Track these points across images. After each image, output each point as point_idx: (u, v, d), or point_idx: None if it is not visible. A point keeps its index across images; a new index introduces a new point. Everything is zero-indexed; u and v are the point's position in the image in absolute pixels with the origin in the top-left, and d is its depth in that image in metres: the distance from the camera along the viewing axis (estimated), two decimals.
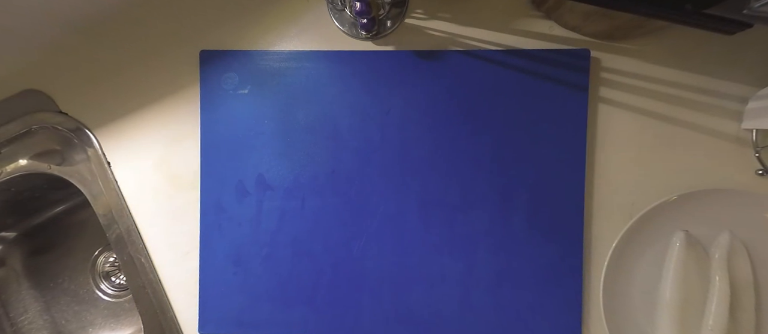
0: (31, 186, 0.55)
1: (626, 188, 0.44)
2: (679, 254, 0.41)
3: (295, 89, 0.45)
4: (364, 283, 0.45)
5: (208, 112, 0.46)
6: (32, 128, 0.48)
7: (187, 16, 0.47)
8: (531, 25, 0.44)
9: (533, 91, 0.43)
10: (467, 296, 0.44)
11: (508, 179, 0.44)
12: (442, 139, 0.44)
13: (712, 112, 0.43)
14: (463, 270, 0.44)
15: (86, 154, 0.48)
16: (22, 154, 0.50)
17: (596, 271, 0.44)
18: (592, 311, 0.44)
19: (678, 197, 0.41)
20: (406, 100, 0.44)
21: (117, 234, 0.47)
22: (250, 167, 0.45)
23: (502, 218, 0.44)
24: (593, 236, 0.44)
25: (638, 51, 0.44)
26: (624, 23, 0.40)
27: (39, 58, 0.48)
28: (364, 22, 0.42)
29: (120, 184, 0.47)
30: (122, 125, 0.47)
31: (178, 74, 0.47)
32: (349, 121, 0.45)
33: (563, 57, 0.43)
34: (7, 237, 0.62)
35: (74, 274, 0.63)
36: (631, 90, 0.44)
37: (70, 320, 0.61)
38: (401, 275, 0.44)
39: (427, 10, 0.45)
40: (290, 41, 0.47)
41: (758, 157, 0.42)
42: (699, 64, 0.43)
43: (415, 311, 0.44)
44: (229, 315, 0.46)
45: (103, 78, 0.48)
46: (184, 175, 0.47)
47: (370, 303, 0.45)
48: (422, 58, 0.44)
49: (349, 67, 0.45)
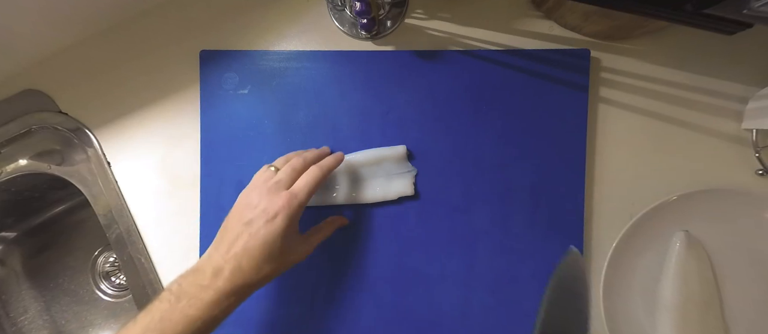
0: (31, 186, 0.55)
1: (626, 187, 0.44)
2: (679, 254, 0.41)
3: (295, 89, 0.45)
4: (364, 283, 0.45)
5: (208, 112, 0.46)
6: (32, 128, 0.48)
7: (187, 16, 0.47)
8: (531, 25, 0.44)
9: (533, 91, 0.43)
10: (467, 296, 0.44)
11: (508, 178, 0.44)
12: (442, 139, 0.44)
13: (712, 112, 0.43)
14: (463, 270, 0.44)
15: (86, 154, 0.48)
16: (22, 154, 0.50)
17: (596, 271, 0.44)
18: (592, 311, 0.44)
19: (678, 197, 0.41)
20: (406, 100, 0.44)
21: (117, 234, 0.47)
22: (250, 167, 0.45)
23: (502, 217, 0.44)
24: (593, 236, 0.44)
25: (638, 51, 0.44)
26: (624, 23, 0.40)
27: (39, 58, 0.48)
28: (364, 22, 0.42)
29: (120, 184, 0.47)
30: (122, 125, 0.47)
31: (178, 74, 0.47)
32: (349, 121, 0.45)
33: (563, 57, 0.43)
34: (7, 237, 0.62)
35: (74, 274, 0.63)
36: (631, 90, 0.44)
37: (70, 320, 0.61)
38: (401, 275, 0.45)
39: (427, 10, 0.45)
40: (290, 41, 0.47)
41: (758, 157, 0.42)
42: (699, 64, 0.43)
43: (415, 311, 0.44)
44: (229, 315, 0.46)
45: (104, 78, 0.48)
46: (184, 175, 0.47)
47: (369, 303, 0.45)
48: (422, 58, 0.44)
49: (349, 67, 0.45)
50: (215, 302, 0.33)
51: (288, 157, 0.41)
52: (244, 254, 0.34)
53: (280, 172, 0.38)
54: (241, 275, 0.34)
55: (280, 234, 0.34)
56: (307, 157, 0.39)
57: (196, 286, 0.33)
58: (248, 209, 0.35)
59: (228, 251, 0.34)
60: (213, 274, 0.33)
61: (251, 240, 0.34)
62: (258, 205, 0.35)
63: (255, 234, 0.34)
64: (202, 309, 0.32)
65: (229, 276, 0.33)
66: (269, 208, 0.34)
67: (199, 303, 0.32)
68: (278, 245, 0.34)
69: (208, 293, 0.33)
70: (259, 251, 0.34)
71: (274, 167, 0.39)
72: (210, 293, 0.33)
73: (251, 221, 0.34)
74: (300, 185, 0.37)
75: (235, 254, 0.34)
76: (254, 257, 0.34)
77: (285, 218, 0.34)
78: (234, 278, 0.33)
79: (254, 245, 0.34)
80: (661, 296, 0.42)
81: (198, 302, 0.32)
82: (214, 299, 0.33)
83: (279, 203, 0.35)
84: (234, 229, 0.35)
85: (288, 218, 0.35)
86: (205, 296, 0.33)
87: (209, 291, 0.33)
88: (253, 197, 0.36)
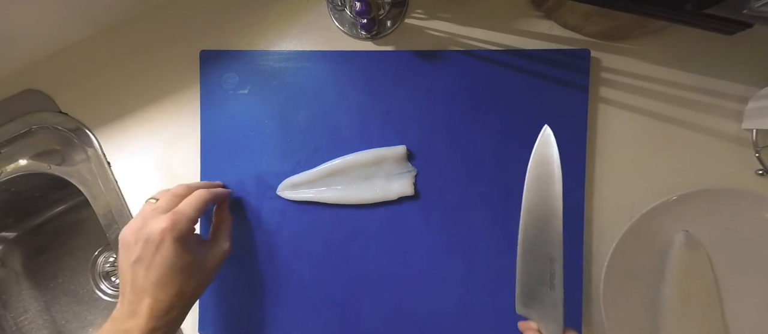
0: (31, 186, 0.55)
1: (626, 187, 0.44)
2: (679, 254, 0.41)
3: (295, 89, 0.45)
4: (364, 283, 0.45)
5: (208, 112, 0.46)
6: (32, 128, 0.48)
7: (187, 16, 0.47)
8: (531, 25, 0.44)
9: (533, 91, 0.43)
10: (467, 296, 0.44)
11: (509, 178, 0.43)
12: (442, 139, 0.44)
13: (712, 112, 0.43)
14: (463, 270, 0.44)
15: (86, 154, 0.48)
16: (22, 154, 0.50)
17: (596, 271, 0.44)
18: (593, 311, 0.44)
19: (678, 197, 0.41)
20: (406, 100, 0.44)
21: (117, 234, 0.47)
22: (250, 167, 0.45)
23: (502, 217, 0.44)
24: (593, 236, 0.44)
25: (638, 51, 0.44)
26: (624, 23, 0.40)
27: (39, 58, 0.48)
28: (364, 22, 0.42)
29: (120, 184, 0.47)
30: (122, 125, 0.47)
31: (178, 74, 0.47)
32: (349, 121, 0.45)
33: (563, 57, 0.43)
34: (7, 237, 0.62)
35: (74, 274, 0.63)
36: (631, 90, 0.44)
37: (70, 320, 0.61)
38: (401, 275, 0.44)
39: (427, 10, 0.45)
40: (290, 41, 0.47)
41: (758, 157, 0.42)
42: (699, 64, 0.43)
43: (415, 311, 0.44)
44: (229, 315, 0.46)
45: (104, 78, 0.48)
46: (184, 175, 0.47)
47: (369, 303, 0.45)
48: (422, 58, 0.44)
49: (349, 67, 0.45)
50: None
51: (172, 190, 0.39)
52: (154, 287, 0.33)
53: (160, 200, 0.36)
54: (161, 304, 0.33)
55: (176, 254, 0.33)
56: (192, 185, 0.38)
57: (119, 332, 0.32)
58: (131, 248, 0.33)
59: (134, 294, 0.33)
60: (130, 314, 0.32)
61: (151, 274, 0.33)
62: (138, 239, 0.33)
63: (151, 266, 0.33)
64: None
65: (147, 312, 0.32)
66: (151, 235, 0.33)
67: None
68: (182, 263, 0.33)
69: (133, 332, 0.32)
70: (167, 278, 0.33)
71: (154, 198, 0.38)
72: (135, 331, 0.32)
73: (140, 258, 0.33)
74: (184, 204, 0.35)
75: (145, 291, 0.33)
76: (166, 285, 0.33)
77: (172, 238, 0.33)
78: (155, 309, 0.32)
79: (158, 276, 0.33)
80: (661, 296, 0.42)
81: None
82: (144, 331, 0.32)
83: (161, 224, 0.33)
84: (127, 273, 0.33)
85: (175, 237, 0.33)
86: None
87: (134, 332, 0.32)
88: (128, 235, 0.34)
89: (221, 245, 0.39)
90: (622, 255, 0.42)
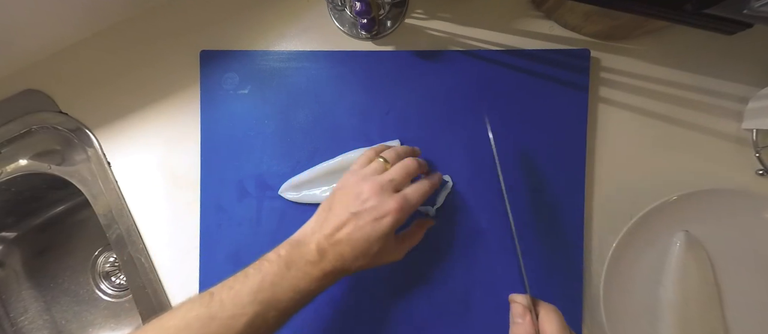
0: (31, 186, 0.55)
1: (626, 187, 0.44)
2: (679, 254, 0.41)
3: (295, 89, 0.45)
4: (363, 283, 0.45)
5: (208, 112, 0.46)
6: (32, 128, 0.48)
7: (187, 16, 0.47)
8: (531, 25, 0.45)
9: (533, 91, 0.43)
10: (467, 296, 0.44)
11: (508, 178, 0.43)
12: (442, 139, 0.44)
13: (712, 112, 0.43)
14: (463, 270, 0.44)
15: (86, 154, 0.48)
16: (22, 154, 0.50)
17: (596, 271, 0.44)
18: (593, 311, 0.44)
19: (678, 197, 0.41)
20: (406, 100, 0.44)
21: (117, 234, 0.47)
22: (250, 167, 0.45)
23: (502, 218, 0.44)
24: (593, 236, 0.44)
25: (638, 51, 0.44)
26: (624, 23, 0.40)
27: (39, 58, 0.48)
28: (364, 22, 0.42)
29: (120, 184, 0.47)
30: (122, 125, 0.47)
31: (178, 74, 0.47)
32: (349, 121, 0.45)
33: (563, 57, 0.43)
34: (7, 237, 0.62)
35: (74, 274, 0.63)
36: (631, 90, 0.44)
37: (70, 320, 0.61)
38: (401, 275, 0.44)
39: (427, 10, 0.45)
40: (290, 41, 0.47)
41: (758, 157, 0.42)
42: (699, 64, 0.43)
43: (415, 311, 0.44)
44: None
45: (103, 78, 0.48)
46: (184, 175, 0.47)
47: (369, 303, 0.45)
48: (422, 58, 0.44)
49: (349, 67, 0.45)
50: (319, 280, 0.33)
51: (397, 153, 0.39)
52: (346, 243, 0.34)
53: (393, 170, 0.37)
54: (341, 261, 0.34)
55: (384, 236, 0.34)
56: (418, 159, 0.39)
57: (304, 260, 0.33)
58: (357, 201, 0.35)
59: (332, 236, 0.34)
60: (318, 253, 0.34)
61: (356, 232, 0.34)
62: (368, 200, 0.34)
63: (361, 227, 0.34)
64: (309, 283, 0.33)
65: (332, 260, 0.34)
66: (380, 207, 0.34)
67: (308, 278, 0.33)
68: (378, 245, 0.34)
69: (315, 270, 0.33)
70: (361, 244, 0.34)
71: (383, 158, 0.38)
72: (316, 271, 0.33)
73: (359, 214, 0.34)
74: (414, 194, 0.36)
75: (339, 240, 0.34)
76: (355, 249, 0.34)
77: (392, 221, 0.34)
78: (336, 263, 0.34)
79: (358, 237, 0.34)
80: (661, 296, 0.42)
81: (306, 276, 0.33)
82: (319, 276, 0.33)
83: (391, 205, 0.34)
84: (340, 214, 0.35)
85: (395, 222, 0.34)
86: (313, 272, 0.33)
87: (316, 269, 0.33)
88: (363, 189, 0.35)
89: (399, 253, 0.39)
90: (622, 255, 0.42)
